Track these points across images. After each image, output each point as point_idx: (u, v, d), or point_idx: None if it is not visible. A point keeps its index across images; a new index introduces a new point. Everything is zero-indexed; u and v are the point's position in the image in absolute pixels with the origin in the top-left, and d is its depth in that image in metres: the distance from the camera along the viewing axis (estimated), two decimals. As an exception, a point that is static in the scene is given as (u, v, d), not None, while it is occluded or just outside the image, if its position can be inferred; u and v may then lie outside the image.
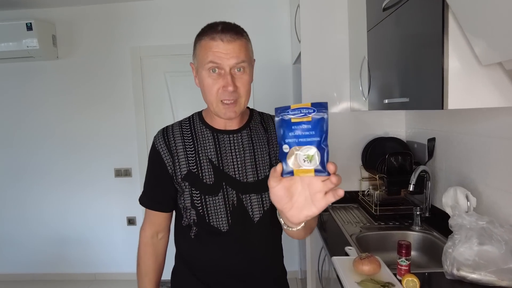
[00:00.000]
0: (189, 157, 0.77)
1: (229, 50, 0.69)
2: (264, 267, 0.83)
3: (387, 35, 1.20)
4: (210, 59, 0.69)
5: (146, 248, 0.85)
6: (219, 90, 0.71)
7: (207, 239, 0.79)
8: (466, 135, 1.21)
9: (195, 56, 0.75)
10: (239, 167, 0.77)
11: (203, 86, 0.73)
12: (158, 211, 0.83)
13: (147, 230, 0.84)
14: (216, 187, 0.76)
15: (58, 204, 2.46)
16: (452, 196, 1.12)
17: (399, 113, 1.74)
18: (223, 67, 0.70)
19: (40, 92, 2.37)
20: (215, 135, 0.78)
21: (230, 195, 0.76)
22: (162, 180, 0.79)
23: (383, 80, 1.26)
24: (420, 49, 0.94)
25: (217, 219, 0.77)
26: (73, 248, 2.48)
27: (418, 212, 1.30)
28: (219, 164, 0.77)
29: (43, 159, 2.43)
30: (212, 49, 0.69)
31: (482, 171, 1.13)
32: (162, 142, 0.79)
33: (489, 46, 0.74)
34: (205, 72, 0.71)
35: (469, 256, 0.94)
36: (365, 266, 0.94)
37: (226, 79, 0.70)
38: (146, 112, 2.37)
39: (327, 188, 0.46)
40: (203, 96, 0.75)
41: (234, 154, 0.78)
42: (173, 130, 0.80)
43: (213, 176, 0.76)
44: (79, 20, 2.29)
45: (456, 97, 0.83)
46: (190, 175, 0.76)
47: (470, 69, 0.81)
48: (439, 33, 0.82)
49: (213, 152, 0.77)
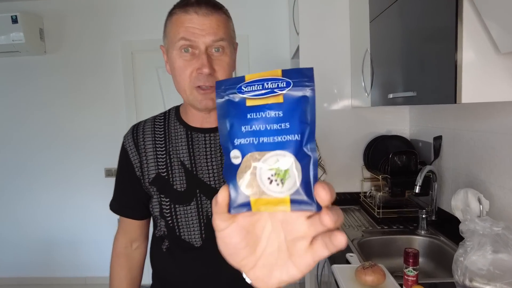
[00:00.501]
0: (159, 158, 0.67)
1: (205, 25, 0.58)
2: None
3: (391, 24, 1.11)
4: (182, 36, 0.58)
5: (119, 258, 0.76)
6: (193, 74, 0.59)
7: (179, 255, 0.69)
8: (476, 132, 1.13)
9: (166, 35, 0.63)
10: (215, 173, 0.65)
11: (174, 69, 0.62)
12: (130, 218, 0.74)
13: (120, 239, 0.76)
14: (188, 195, 0.65)
15: (46, 205, 2.37)
16: (463, 199, 1.04)
17: (402, 110, 1.66)
18: (197, 45, 0.58)
19: (27, 89, 2.28)
20: (188, 134, 0.67)
21: (204, 205, 0.66)
22: (130, 183, 0.69)
23: (388, 73, 1.17)
24: (430, 38, 0.87)
25: (189, 233, 0.67)
26: (63, 250, 2.39)
27: (424, 215, 1.22)
28: (192, 168, 0.66)
29: (31, 159, 2.34)
30: (184, 24, 0.58)
31: (494, 171, 1.05)
32: (131, 140, 0.69)
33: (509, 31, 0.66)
34: (176, 53, 0.60)
35: (483, 266, 0.86)
36: (368, 276, 0.87)
37: (201, 60, 0.58)
38: (138, 109, 2.28)
39: (315, 231, 0.24)
40: (175, 84, 0.64)
41: (210, 156, 0.66)
42: (145, 126, 0.70)
43: (185, 182, 0.65)
44: (67, 13, 2.19)
45: (470, 89, 0.75)
46: (158, 179, 0.66)
47: (486, 58, 0.74)
48: (452, 20, 0.75)
49: (186, 153, 0.66)
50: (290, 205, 0.23)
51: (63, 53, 2.22)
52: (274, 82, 0.24)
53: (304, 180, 0.23)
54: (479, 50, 0.74)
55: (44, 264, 2.40)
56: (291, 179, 0.23)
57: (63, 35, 2.21)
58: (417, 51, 0.94)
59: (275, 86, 0.24)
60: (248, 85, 0.24)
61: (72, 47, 2.22)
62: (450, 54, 0.76)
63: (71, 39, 2.22)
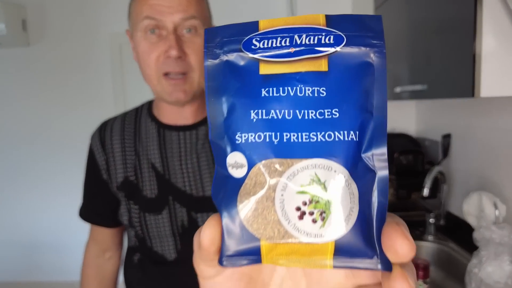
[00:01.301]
0: (128, 160, 0.59)
1: (174, 1, 0.50)
2: None
3: (399, 11, 1.02)
4: (146, 14, 0.50)
5: (89, 269, 0.68)
6: (160, 58, 0.51)
7: (150, 269, 0.62)
8: (490, 130, 1.04)
9: (129, 16, 0.55)
10: (190, 177, 0.57)
11: (138, 55, 0.53)
12: (99, 226, 0.66)
13: (91, 248, 0.68)
14: (159, 202, 0.58)
15: (30, 206, 2.26)
16: (476, 203, 0.96)
17: (409, 105, 1.57)
18: (164, 25, 0.50)
19: (9, 83, 2.16)
20: (160, 132, 0.59)
21: (178, 214, 0.58)
22: (98, 187, 0.62)
23: (395, 65, 1.08)
24: (443, 25, 0.78)
25: (161, 244, 0.59)
26: (49, 254, 2.29)
27: (432, 219, 1.14)
28: (164, 172, 0.58)
29: (12, 158, 2.22)
30: (148, 1, 0.50)
31: (510, 173, 0.96)
32: (97, 139, 0.61)
33: None
34: (140, 35, 0.51)
35: (500, 278, 0.79)
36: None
37: (169, 41, 0.49)
38: (127, 105, 2.18)
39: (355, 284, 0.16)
40: (141, 72, 0.55)
41: (184, 158, 0.57)
42: (114, 124, 0.62)
43: (156, 187, 0.58)
44: (52, 3, 2.08)
45: (491, 82, 0.67)
46: (126, 184, 0.59)
47: (508, 48, 0.65)
48: (471, 4, 0.66)
49: (157, 155, 0.58)
50: (334, 259, 0.13)
51: (48, 45, 2.11)
52: (312, 35, 0.13)
53: (362, 216, 0.13)
54: (501, 37, 0.65)
55: (28, 268, 2.31)
56: (339, 212, 0.13)
57: (48, 26, 2.10)
58: (428, 40, 0.86)
59: (314, 42, 0.13)
60: (264, 37, 0.13)
61: (57, 39, 2.11)
62: (468, 42, 0.68)
63: (56, 31, 2.10)
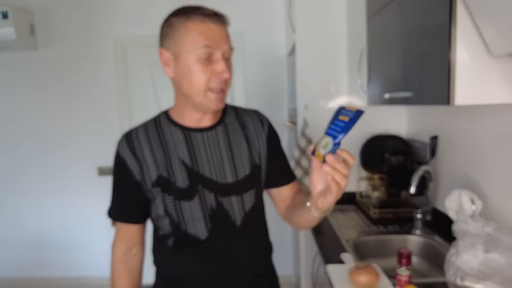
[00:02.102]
0: (158, 161, 0.70)
1: (222, 34, 0.66)
2: (252, 276, 0.76)
3: (390, 22, 1.10)
4: (205, 43, 0.63)
5: (119, 266, 0.77)
6: (211, 78, 0.65)
7: (185, 250, 0.72)
8: (472, 133, 1.13)
9: (174, 40, 0.66)
10: (215, 168, 0.71)
11: (189, 73, 0.65)
12: (129, 224, 0.76)
13: (119, 246, 0.77)
14: (191, 190, 0.70)
15: (37, 205, 2.33)
16: (456, 200, 1.05)
17: (400, 109, 1.66)
18: (216, 52, 0.65)
19: (17, 85, 2.24)
20: (186, 134, 0.72)
21: (207, 199, 0.70)
22: (129, 189, 0.72)
23: (384, 73, 1.17)
24: (426, 39, 0.86)
25: (194, 226, 0.71)
26: (54, 251, 2.37)
27: (419, 215, 1.23)
28: (193, 166, 0.70)
29: (20, 158, 2.30)
30: (206, 32, 0.64)
31: (489, 172, 1.05)
32: (127, 148, 0.71)
33: (501, 34, 0.67)
34: (194, 58, 0.64)
35: (474, 265, 0.88)
36: (362, 276, 0.87)
37: (222, 65, 0.64)
38: (131, 106, 2.26)
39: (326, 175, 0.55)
40: (183, 87, 0.67)
41: (209, 153, 0.71)
42: (138, 133, 0.73)
43: (187, 178, 0.70)
44: (59, 8, 2.15)
45: (464, 92, 0.75)
46: (161, 180, 0.70)
47: (479, 61, 0.74)
48: (446, 21, 0.75)
49: (186, 152, 0.70)
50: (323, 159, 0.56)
51: (54, 48, 2.18)
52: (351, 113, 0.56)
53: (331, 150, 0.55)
54: (473, 52, 0.73)
55: (35, 264, 2.38)
56: (328, 148, 0.55)
57: (55, 30, 2.17)
58: (414, 51, 0.94)
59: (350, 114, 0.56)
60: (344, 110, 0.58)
61: (64, 43, 2.18)
62: (444, 55, 0.76)
63: (62, 35, 2.18)
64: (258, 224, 0.78)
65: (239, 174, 0.72)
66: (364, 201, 1.54)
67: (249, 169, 0.74)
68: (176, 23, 0.65)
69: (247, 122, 0.77)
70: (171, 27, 0.66)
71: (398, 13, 1.03)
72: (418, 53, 0.91)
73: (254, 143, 0.76)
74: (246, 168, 0.73)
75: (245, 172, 0.73)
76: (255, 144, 0.76)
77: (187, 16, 0.65)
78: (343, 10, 1.59)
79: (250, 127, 0.77)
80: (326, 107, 1.67)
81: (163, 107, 2.62)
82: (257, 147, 0.76)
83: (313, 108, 1.66)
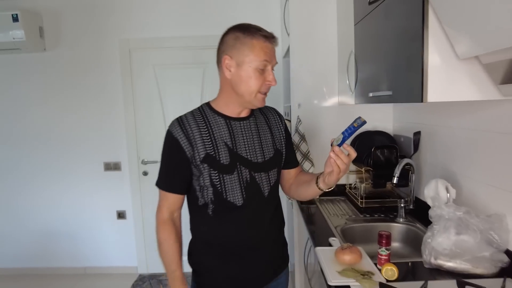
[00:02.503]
0: (206, 142, 0.87)
1: (274, 52, 0.86)
2: (274, 236, 0.98)
3: (372, 28, 1.20)
4: (264, 58, 0.83)
5: (166, 226, 0.91)
6: (263, 84, 0.85)
7: (224, 215, 0.90)
8: (450, 128, 1.24)
9: (239, 51, 0.84)
10: (249, 149, 0.90)
11: (248, 79, 0.84)
12: (175, 194, 0.91)
13: (165, 212, 0.92)
14: (231, 166, 0.88)
15: (47, 198, 2.44)
16: (433, 188, 1.15)
17: (387, 107, 1.76)
18: (268, 65, 0.85)
19: (27, 85, 2.34)
20: (227, 122, 0.90)
21: (243, 173, 0.89)
22: (180, 164, 0.87)
23: (369, 73, 1.27)
24: (403, 43, 0.96)
25: (233, 195, 0.88)
26: (63, 242, 2.48)
27: (402, 204, 1.33)
28: (233, 147, 0.89)
29: (31, 154, 2.41)
30: (265, 50, 0.83)
31: (463, 164, 1.15)
32: (179, 130, 0.87)
33: (466, 40, 0.75)
34: (254, 68, 0.83)
35: (447, 246, 0.97)
36: (346, 255, 0.96)
37: (272, 76, 0.86)
38: (135, 105, 2.35)
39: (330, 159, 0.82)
40: (239, 87, 0.86)
41: (245, 138, 0.91)
42: (187, 119, 0.89)
43: (229, 157, 0.87)
44: (66, 11, 2.25)
45: (435, 90, 0.85)
46: (208, 158, 0.86)
47: (449, 63, 0.83)
48: (420, 27, 0.84)
49: (228, 136, 0.89)
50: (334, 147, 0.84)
51: (62, 50, 2.29)
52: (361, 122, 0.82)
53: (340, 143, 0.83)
54: (443, 55, 0.83)
55: (45, 255, 2.49)
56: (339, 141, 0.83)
57: (62, 33, 2.27)
58: (393, 53, 1.03)
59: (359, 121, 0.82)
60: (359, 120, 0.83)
61: (71, 45, 2.28)
62: (418, 57, 0.85)
63: (70, 37, 2.28)
64: (277, 197, 0.99)
65: (266, 156, 0.92)
66: (353, 192, 1.65)
67: (273, 153, 0.94)
68: (243, 38, 0.83)
69: (269, 116, 0.99)
70: (238, 41, 0.83)
71: (379, 20, 1.13)
72: (397, 56, 1.01)
73: (275, 133, 0.97)
74: (271, 151, 0.94)
75: (270, 154, 0.93)
76: (276, 134, 0.97)
77: (252, 35, 0.83)
78: (333, 16, 1.69)
79: (272, 121, 0.98)
80: (318, 105, 1.77)
81: (166, 106, 2.72)
82: (278, 136, 0.98)
83: (306, 106, 1.76)
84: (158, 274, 2.43)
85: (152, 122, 2.36)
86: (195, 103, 2.28)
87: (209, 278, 0.94)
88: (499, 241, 0.92)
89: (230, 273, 0.92)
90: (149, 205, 2.43)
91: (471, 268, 0.91)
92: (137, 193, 2.41)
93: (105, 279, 2.41)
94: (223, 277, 0.93)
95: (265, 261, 0.95)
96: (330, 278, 0.89)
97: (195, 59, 2.28)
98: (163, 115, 2.36)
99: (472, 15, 0.68)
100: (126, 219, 2.43)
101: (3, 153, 2.42)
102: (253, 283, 0.95)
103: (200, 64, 2.28)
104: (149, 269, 2.48)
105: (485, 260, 0.91)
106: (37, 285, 2.38)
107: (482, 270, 0.90)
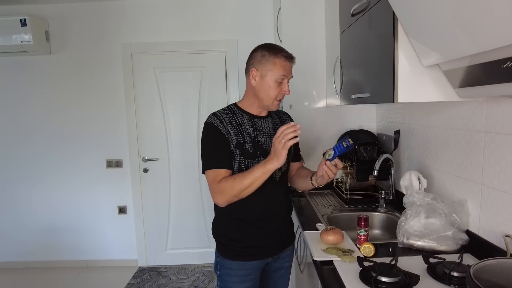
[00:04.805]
0: (236, 133, 1.09)
1: (291, 69, 1.09)
2: (284, 213, 1.19)
3: (355, 38, 1.35)
4: (283, 74, 1.06)
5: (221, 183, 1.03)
6: (279, 93, 1.08)
7: None
8: (423, 127, 1.38)
9: (264, 66, 1.06)
10: (267, 142, 1.12)
11: (268, 88, 1.06)
12: (226, 169, 1.06)
13: (215, 182, 1.06)
14: (254, 154, 1.09)
15: (50, 194, 2.53)
16: (408, 179, 1.29)
17: (371, 108, 1.91)
18: (285, 79, 1.07)
19: (33, 86, 2.44)
20: (251, 119, 1.13)
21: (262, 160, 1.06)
22: (224, 145, 1.06)
23: (352, 77, 1.41)
24: (378, 51, 1.09)
25: None
26: (66, 236, 2.56)
27: (383, 195, 1.47)
28: (255, 139, 1.11)
29: (36, 152, 2.50)
30: (284, 67, 1.05)
31: (434, 157, 1.30)
32: (218, 121, 1.08)
33: (426, 50, 0.88)
34: (274, 79, 1.05)
35: (417, 228, 1.10)
36: (329, 236, 1.09)
37: (287, 88, 1.08)
38: (136, 105, 2.47)
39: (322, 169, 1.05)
40: (261, 94, 1.08)
41: (264, 132, 1.13)
42: (222, 114, 1.10)
43: (252, 147, 1.09)
44: (71, 17, 2.36)
45: (404, 92, 0.97)
46: (239, 144, 1.08)
47: (416, 69, 0.95)
48: (391, 38, 0.97)
49: (251, 130, 1.11)
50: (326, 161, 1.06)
51: (67, 53, 2.39)
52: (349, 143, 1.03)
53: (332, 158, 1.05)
54: (410, 61, 0.95)
55: (48, 248, 2.57)
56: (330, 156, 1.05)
57: (67, 37, 2.39)
58: (371, 60, 1.17)
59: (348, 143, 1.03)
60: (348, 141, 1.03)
61: (75, 48, 2.39)
62: (390, 63, 0.98)
63: (74, 41, 2.39)
64: (286, 183, 1.22)
65: None
66: (339, 186, 1.79)
67: None
68: (268, 56, 1.05)
69: (283, 118, 1.22)
70: (264, 58, 1.05)
71: (360, 30, 1.28)
72: (374, 62, 1.14)
73: None
74: None
75: None
76: None
77: (275, 54, 1.04)
78: (321, 25, 1.84)
79: (284, 121, 1.21)
80: (308, 107, 1.91)
81: (166, 106, 2.86)
82: None
83: (297, 108, 1.90)
84: (157, 267, 2.52)
85: (153, 121, 2.47)
86: (193, 103, 2.46)
87: (231, 246, 1.13)
88: (460, 222, 1.06)
89: (248, 242, 1.12)
90: (149, 201, 2.54)
91: (436, 245, 1.05)
92: (138, 189, 2.52)
93: (106, 272, 2.50)
94: (243, 246, 1.11)
95: (277, 233, 1.16)
96: (315, 255, 1.02)
97: (193, 63, 2.40)
98: (163, 115, 2.48)
99: (430, 29, 0.80)
100: (127, 214, 2.53)
101: (10, 150, 2.51)
102: (267, 251, 1.15)
103: (198, 67, 2.40)
104: (148, 262, 2.57)
105: (448, 238, 1.05)
106: (41, 277, 2.45)
107: (445, 247, 1.04)
